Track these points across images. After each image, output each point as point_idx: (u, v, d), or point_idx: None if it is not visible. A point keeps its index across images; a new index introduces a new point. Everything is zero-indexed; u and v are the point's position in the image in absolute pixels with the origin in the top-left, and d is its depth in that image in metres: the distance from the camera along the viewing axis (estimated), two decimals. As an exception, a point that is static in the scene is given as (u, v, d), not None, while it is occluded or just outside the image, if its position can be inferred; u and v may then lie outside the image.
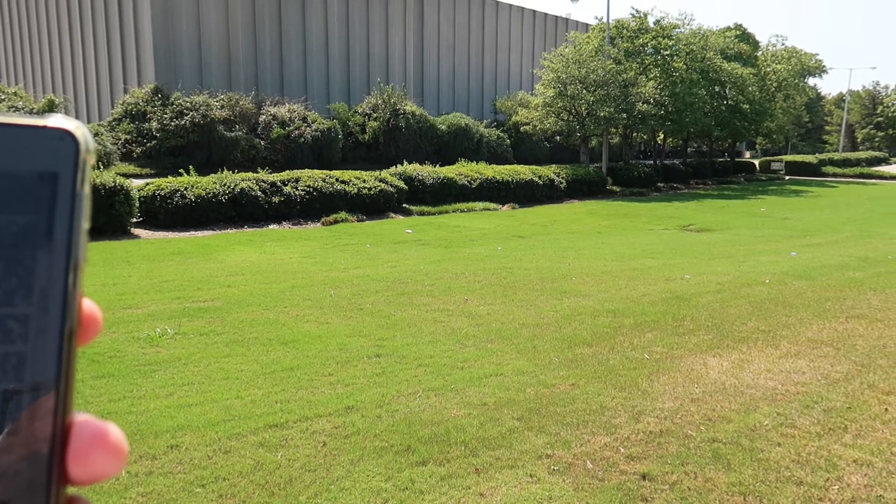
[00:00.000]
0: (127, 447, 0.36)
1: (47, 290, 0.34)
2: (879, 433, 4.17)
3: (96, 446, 0.35)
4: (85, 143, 0.35)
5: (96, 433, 0.35)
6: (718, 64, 32.90)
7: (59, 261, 0.34)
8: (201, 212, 15.71)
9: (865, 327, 7.13)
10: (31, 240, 0.34)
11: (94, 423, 0.36)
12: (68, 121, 0.35)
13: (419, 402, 4.71)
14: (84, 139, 0.35)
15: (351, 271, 10.68)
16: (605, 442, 3.96)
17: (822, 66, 45.78)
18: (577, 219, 19.97)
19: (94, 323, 0.38)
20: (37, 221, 0.34)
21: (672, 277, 10.27)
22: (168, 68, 33.60)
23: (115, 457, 0.35)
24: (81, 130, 0.36)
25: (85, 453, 0.34)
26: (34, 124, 0.35)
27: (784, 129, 43.45)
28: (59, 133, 0.35)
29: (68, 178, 0.34)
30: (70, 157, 0.35)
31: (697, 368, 5.62)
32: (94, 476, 0.35)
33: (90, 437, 0.35)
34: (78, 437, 0.35)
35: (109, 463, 0.35)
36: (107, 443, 0.35)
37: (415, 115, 34.15)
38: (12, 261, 0.34)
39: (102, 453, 0.35)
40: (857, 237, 15.92)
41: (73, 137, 0.35)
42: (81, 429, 0.35)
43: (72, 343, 0.35)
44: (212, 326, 7.03)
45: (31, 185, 0.34)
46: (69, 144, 0.35)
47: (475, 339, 6.67)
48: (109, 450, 0.35)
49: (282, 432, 4.12)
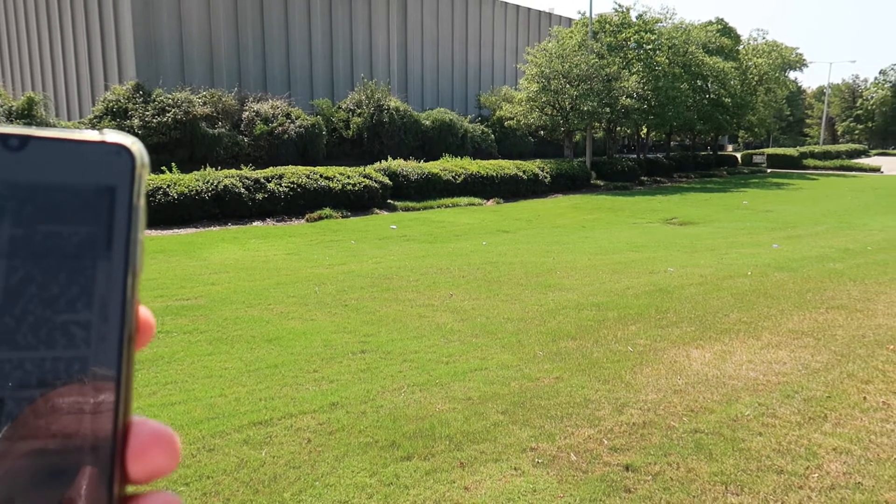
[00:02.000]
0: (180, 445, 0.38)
1: (107, 297, 0.35)
2: (858, 421, 4.23)
3: (155, 444, 0.36)
4: (140, 158, 0.37)
5: (155, 432, 0.37)
6: (700, 58, 33.11)
7: (118, 270, 0.36)
8: (184, 209, 15.59)
9: (845, 318, 7.22)
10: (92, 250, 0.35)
11: (152, 423, 0.37)
12: (125, 136, 0.37)
13: (404, 397, 4.71)
14: (140, 154, 0.37)
15: (335, 268, 10.65)
16: (589, 434, 3.99)
17: (802, 59, 46.16)
18: (561, 213, 20.04)
19: (150, 328, 0.39)
20: (96, 233, 0.35)
21: (655, 270, 10.34)
22: (149, 65, 33.24)
23: (172, 454, 0.37)
24: (137, 146, 0.37)
25: (144, 451, 0.36)
26: (93, 140, 0.36)
27: (765, 122, 43.82)
28: (116, 148, 0.36)
29: (125, 191, 0.36)
30: (127, 171, 0.36)
31: (680, 360, 5.67)
32: (153, 472, 0.36)
33: (149, 436, 0.37)
34: (137, 437, 0.36)
35: (167, 460, 0.37)
36: (164, 441, 0.37)
37: (399, 111, 34.06)
38: (74, 270, 0.35)
39: (161, 451, 0.37)
40: (838, 229, 16.12)
41: (130, 152, 0.36)
42: (140, 428, 0.37)
43: (131, 348, 0.36)
44: (195, 324, 6.99)
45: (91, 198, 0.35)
46: (126, 159, 0.36)
47: (460, 334, 6.68)
48: (167, 447, 0.37)
49: (266, 429, 4.10)
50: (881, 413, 4.36)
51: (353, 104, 34.60)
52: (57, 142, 0.35)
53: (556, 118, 29.13)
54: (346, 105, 34.85)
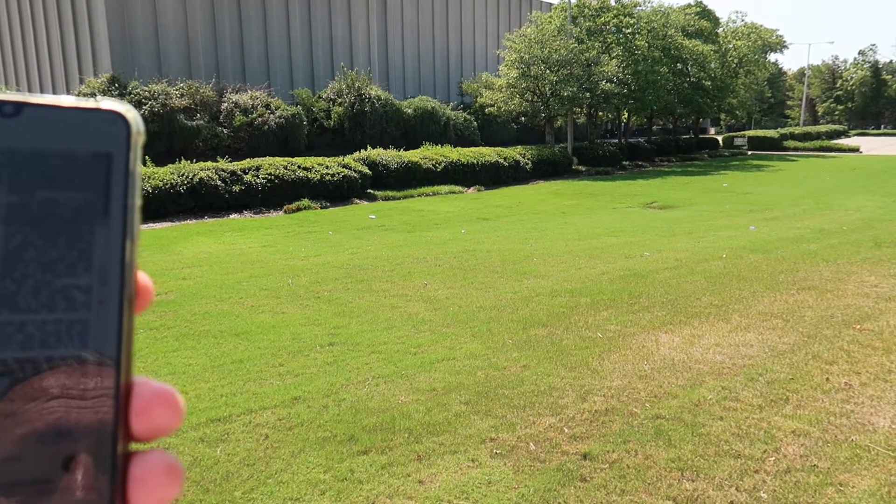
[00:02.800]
0: (184, 403, 0.38)
1: (106, 261, 0.36)
2: (819, 403, 4.24)
3: (157, 402, 0.37)
4: (136, 125, 0.37)
5: (157, 391, 0.37)
6: (680, 41, 33.08)
7: (115, 234, 0.36)
8: (159, 203, 15.39)
9: (815, 298, 7.25)
10: (90, 216, 0.36)
11: (154, 382, 0.38)
12: (120, 104, 0.37)
13: (367, 389, 4.67)
14: (135, 121, 0.37)
15: (311, 259, 10.57)
16: (551, 423, 3.96)
17: (782, 41, 46.29)
18: (542, 199, 20.01)
19: (148, 292, 0.40)
20: (93, 198, 0.36)
21: (632, 255, 10.34)
22: (124, 57, 32.74)
23: (175, 412, 0.37)
24: (132, 113, 0.37)
25: (147, 409, 0.37)
26: (88, 107, 0.36)
27: (746, 104, 43.95)
28: (111, 115, 0.36)
29: (121, 158, 0.36)
30: (122, 137, 0.36)
31: (648, 345, 5.66)
32: (155, 430, 0.37)
33: (151, 395, 0.37)
34: (140, 396, 0.37)
35: (169, 418, 0.37)
36: (166, 399, 0.37)
37: (380, 100, 33.80)
38: (73, 235, 0.36)
39: (163, 409, 0.37)
40: (815, 210, 16.22)
41: (125, 119, 0.36)
42: (142, 388, 0.37)
43: (130, 310, 0.37)
44: (163, 320, 6.89)
45: (87, 165, 0.36)
46: (121, 126, 0.36)
47: (431, 324, 6.64)
48: (169, 405, 0.37)
49: (224, 426, 4.04)
50: (842, 394, 4.36)
51: (333, 94, 34.30)
52: (52, 109, 0.36)
53: (537, 104, 29.04)
54: (327, 95, 34.54)
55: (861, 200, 17.76)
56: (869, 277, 8.29)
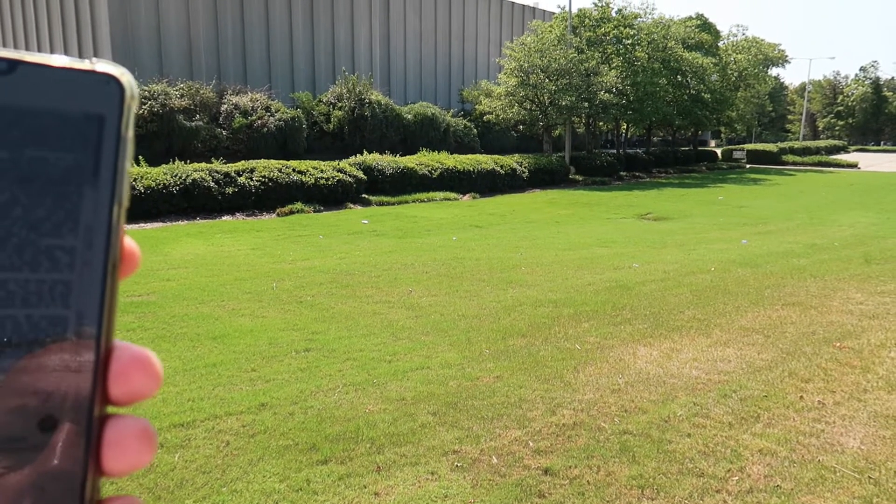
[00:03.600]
0: (161, 369, 0.38)
1: (93, 224, 0.36)
2: (790, 421, 4.18)
3: (135, 367, 0.37)
4: (130, 89, 0.36)
5: (135, 355, 0.37)
6: (679, 53, 33.14)
7: (104, 197, 0.36)
8: (151, 203, 15.35)
9: (799, 314, 7.21)
10: (78, 177, 0.35)
11: (133, 347, 0.38)
12: (115, 67, 0.36)
13: (336, 397, 4.62)
14: (129, 85, 0.36)
15: (298, 263, 10.52)
16: (516, 436, 3.91)
17: (784, 56, 46.44)
18: (537, 208, 19.98)
19: (134, 258, 0.39)
20: (83, 160, 0.35)
21: (620, 266, 10.30)
22: (126, 56, 32.78)
23: (152, 377, 0.37)
24: (127, 77, 0.37)
25: (125, 373, 0.36)
26: (83, 68, 0.36)
27: (745, 118, 44.01)
28: (105, 77, 0.36)
29: (114, 121, 0.36)
30: (116, 101, 0.36)
31: (626, 358, 5.61)
32: (133, 394, 0.37)
33: (130, 359, 0.37)
34: (119, 360, 0.37)
35: (147, 382, 0.37)
36: (144, 363, 0.37)
37: (381, 105, 33.82)
38: (60, 196, 0.35)
39: (141, 373, 0.37)
40: (808, 225, 16.19)
41: (119, 83, 0.36)
42: (122, 352, 0.37)
43: (115, 275, 0.36)
44: (141, 322, 6.84)
45: (79, 126, 0.35)
46: (115, 89, 0.36)
47: (410, 332, 6.59)
48: (147, 370, 0.37)
49: (186, 432, 3.99)
50: (814, 413, 4.31)
51: (334, 97, 34.32)
52: (46, 68, 0.35)
53: (535, 113, 29.06)
54: (327, 98, 34.56)
55: (855, 216, 17.73)
56: (855, 294, 8.25)
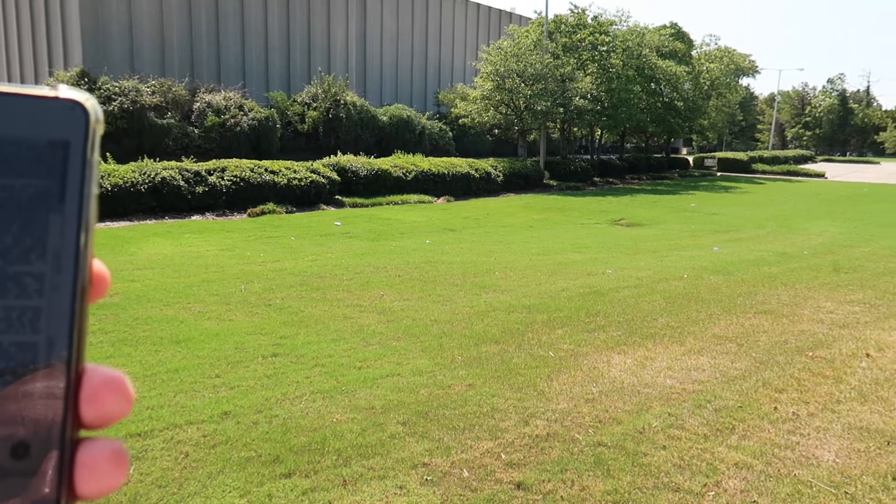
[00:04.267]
0: (134, 391, 0.37)
1: (61, 249, 0.36)
2: (765, 433, 4.13)
3: (107, 389, 0.36)
4: (94, 114, 0.37)
5: (106, 378, 0.37)
6: (654, 61, 33.46)
7: (71, 222, 0.36)
8: (118, 202, 14.96)
9: (771, 323, 7.21)
10: (45, 203, 0.35)
11: (104, 369, 0.37)
12: (79, 92, 0.37)
13: (303, 405, 4.45)
14: (94, 110, 0.37)
15: (268, 265, 10.30)
16: (488, 448, 3.79)
17: (754, 66, 47.22)
18: (511, 212, 19.95)
19: (104, 281, 0.39)
20: (50, 186, 0.36)
21: (594, 272, 10.27)
22: (96, 51, 32.07)
23: (124, 398, 0.37)
24: (91, 102, 0.37)
25: (96, 396, 0.36)
26: (47, 95, 0.36)
27: (717, 126, 44.63)
28: (70, 104, 0.36)
29: (79, 146, 0.36)
30: (81, 126, 0.36)
31: (600, 366, 5.54)
32: (105, 417, 0.36)
33: (101, 381, 0.37)
34: (90, 383, 0.36)
35: (119, 404, 0.37)
36: (116, 386, 0.37)
37: (356, 106, 33.56)
38: (28, 222, 0.35)
39: (113, 395, 0.37)
40: (778, 233, 16.37)
41: (83, 108, 0.36)
42: (92, 374, 0.37)
43: (84, 299, 0.36)
44: (102, 324, 6.59)
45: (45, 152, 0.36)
46: (80, 114, 0.36)
47: (381, 337, 6.44)
48: (119, 391, 0.37)
49: (144, 442, 3.80)
50: (789, 424, 4.27)
51: (308, 98, 33.98)
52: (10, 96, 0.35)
53: (511, 117, 29.08)
54: (302, 98, 34.20)
55: (824, 225, 18.00)
56: (825, 303, 8.30)
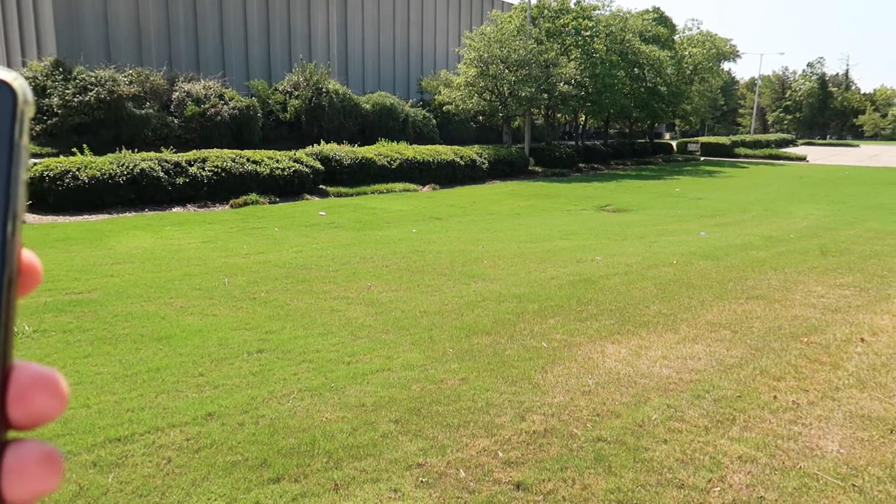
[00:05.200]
0: (68, 389, 0.35)
1: None
2: (767, 424, 4.04)
3: (37, 388, 0.34)
4: (23, 94, 0.35)
5: (36, 375, 0.35)
6: (637, 46, 33.34)
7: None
8: (96, 194, 14.62)
9: (763, 308, 7.14)
10: None
11: (34, 366, 0.35)
12: (6, 72, 0.35)
13: (291, 404, 4.29)
14: (22, 90, 0.35)
15: (252, 257, 10.08)
16: (485, 446, 3.66)
17: (735, 51, 47.17)
18: (497, 200, 19.81)
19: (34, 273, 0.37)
20: None
21: (583, 259, 10.16)
22: (70, 40, 31.36)
23: (56, 397, 0.35)
24: (19, 82, 0.35)
25: (25, 395, 0.34)
26: None
27: (700, 111, 44.68)
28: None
29: (6, 129, 0.34)
30: (7, 107, 0.34)
31: (594, 357, 5.42)
32: (35, 417, 0.34)
33: (30, 380, 0.34)
34: (17, 381, 0.34)
35: (49, 404, 0.34)
36: (46, 384, 0.35)
37: (338, 94, 33.16)
38: None
39: (43, 394, 0.34)
40: (763, 216, 16.38)
41: (11, 88, 0.34)
42: (21, 372, 0.34)
43: (11, 291, 0.35)
44: (79, 322, 6.37)
45: None
46: (6, 95, 0.34)
47: (370, 330, 6.29)
48: (49, 390, 0.35)
49: (123, 447, 3.62)
50: (790, 414, 4.18)
51: (290, 86, 33.51)
52: None
53: (495, 103, 28.87)
54: (284, 87, 33.72)
55: (808, 209, 18.05)
56: (816, 287, 8.26)
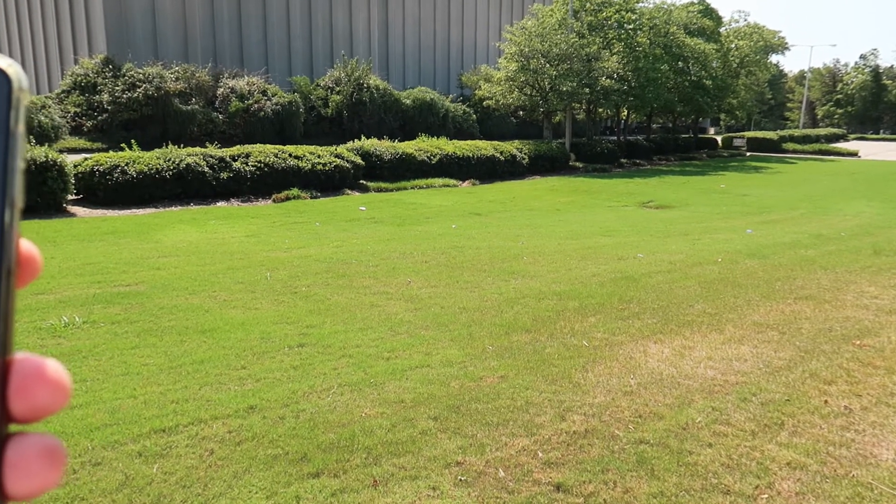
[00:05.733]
0: (69, 381, 0.35)
1: None
2: (817, 429, 3.91)
3: (38, 381, 0.34)
4: (18, 81, 0.34)
5: (37, 367, 0.35)
6: (681, 39, 32.65)
7: None
8: (144, 189, 14.99)
9: (813, 309, 6.92)
10: None
11: (35, 358, 0.35)
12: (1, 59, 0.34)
13: (331, 399, 4.32)
14: (17, 77, 0.34)
15: (293, 251, 10.21)
16: (524, 445, 3.62)
17: (784, 43, 45.84)
18: (537, 195, 19.65)
19: (33, 264, 0.36)
20: None
21: (625, 256, 10.00)
22: (120, 38, 32.22)
23: (57, 390, 0.35)
24: (14, 68, 0.35)
25: (26, 388, 0.34)
26: None
27: (746, 105, 43.57)
28: None
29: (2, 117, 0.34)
30: (3, 95, 0.34)
31: (636, 356, 5.33)
32: (37, 411, 0.34)
33: (31, 372, 0.34)
34: (19, 373, 0.34)
35: (51, 396, 0.34)
36: (48, 376, 0.34)
37: (379, 90, 33.34)
38: None
39: (44, 387, 0.34)
40: (812, 214, 15.89)
41: (6, 75, 0.34)
42: (22, 365, 0.34)
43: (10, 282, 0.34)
44: (127, 314, 6.53)
45: None
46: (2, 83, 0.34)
47: (409, 326, 6.29)
48: (51, 383, 0.34)
49: (167, 438, 3.69)
50: (841, 419, 4.04)
51: (332, 82, 33.83)
52: None
53: (535, 98, 28.62)
54: (325, 83, 34.06)
55: (859, 206, 17.44)
56: (868, 288, 7.97)
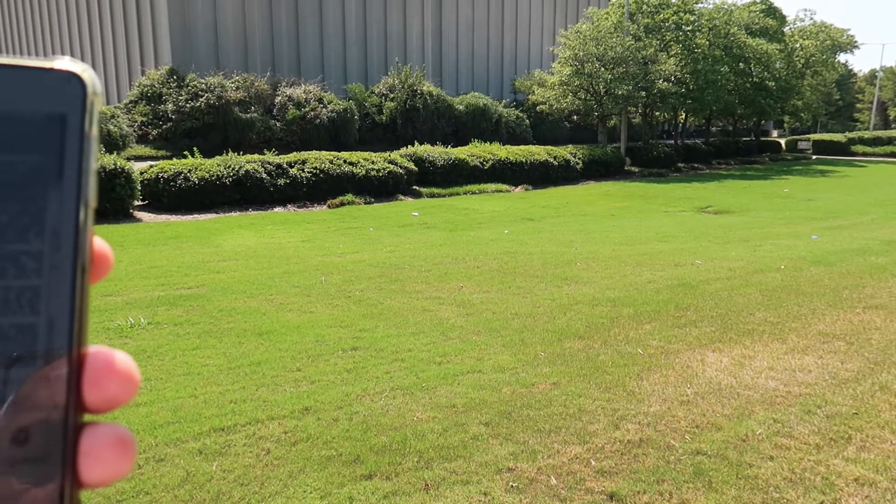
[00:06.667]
0: (138, 373, 0.37)
1: (59, 227, 0.35)
2: (888, 445, 3.73)
3: (110, 372, 0.36)
4: (92, 86, 0.36)
5: (109, 360, 0.36)
6: (743, 40, 31.76)
7: (69, 199, 0.35)
8: (205, 195, 15.49)
9: (883, 319, 6.62)
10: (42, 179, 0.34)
11: (107, 351, 0.37)
12: (75, 63, 0.35)
13: (383, 402, 4.36)
14: (91, 81, 0.36)
15: (348, 256, 10.36)
16: (577, 453, 3.58)
17: (853, 41, 44.08)
18: (591, 201, 19.41)
19: (106, 260, 0.38)
20: (47, 161, 0.35)
21: (682, 263, 9.78)
22: (184, 49, 33.45)
23: (128, 381, 0.36)
24: (88, 73, 0.36)
25: (99, 379, 0.36)
26: (42, 66, 0.35)
27: (812, 106, 42.02)
28: (66, 75, 0.35)
29: (76, 120, 0.35)
30: (78, 98, 0.35)
31: (694, 365, 5.20)
32: (109, 401, 0.36)
33: (103, 364, 0.36)
34: (92, 365, 0.36)
35: (122, 387, 0.36)
36: (118, 368, 0.36)
37: (432, 96, 33.57)
38: (24, 199, 0.34)
39: (116, 378, 0.36)
40: (883, 220, 15.20)
41: (81, 80, 0.35)
42: (95, 357, 0.36)
43: (84, 278, 0.36)
44: (189, 315, 6.75)
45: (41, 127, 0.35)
46: (76, 86, 0.35)
47: (461, 331, 6.30)
48: (122, 375, 0.36)
49: (226, 437, 3.80)
50: (915, 435, 3.84)
51: (386, 89, 34.24)
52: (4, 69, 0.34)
53: (590, 102, 28.31)
54: (379, 90, 34.50)
55: (936, 211, 16.59)
56: (945, 297, 7.56)
